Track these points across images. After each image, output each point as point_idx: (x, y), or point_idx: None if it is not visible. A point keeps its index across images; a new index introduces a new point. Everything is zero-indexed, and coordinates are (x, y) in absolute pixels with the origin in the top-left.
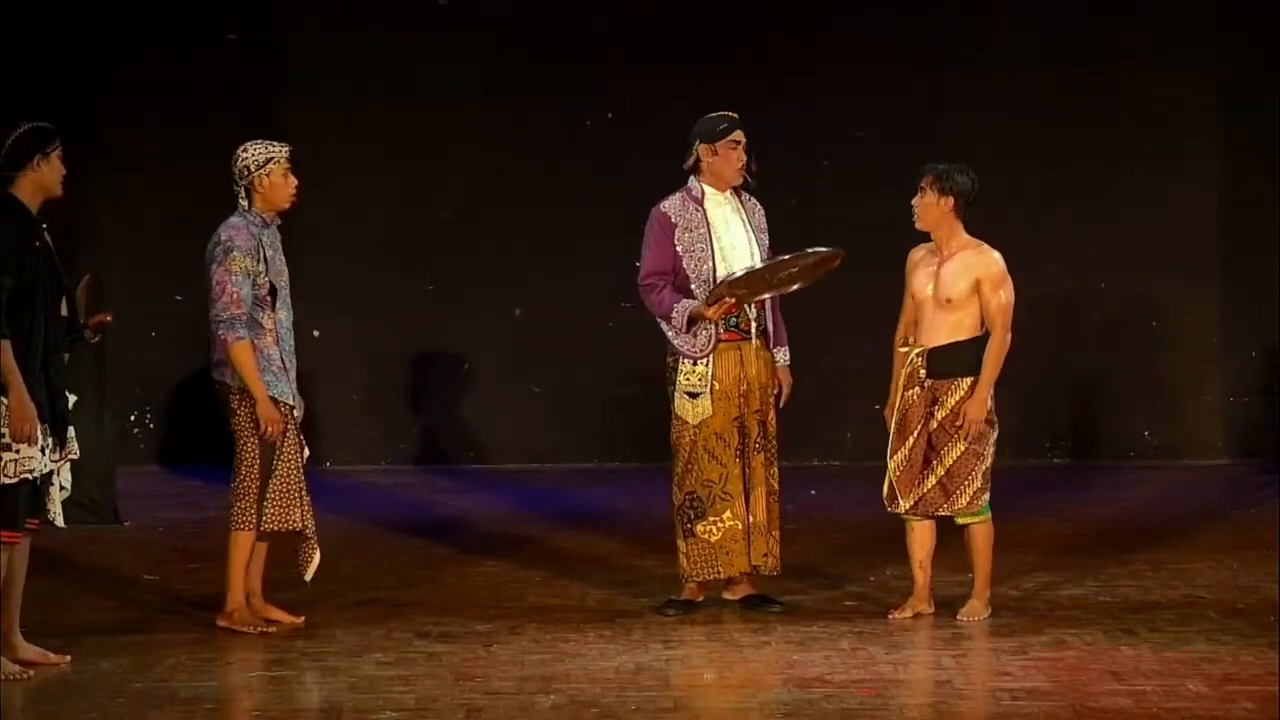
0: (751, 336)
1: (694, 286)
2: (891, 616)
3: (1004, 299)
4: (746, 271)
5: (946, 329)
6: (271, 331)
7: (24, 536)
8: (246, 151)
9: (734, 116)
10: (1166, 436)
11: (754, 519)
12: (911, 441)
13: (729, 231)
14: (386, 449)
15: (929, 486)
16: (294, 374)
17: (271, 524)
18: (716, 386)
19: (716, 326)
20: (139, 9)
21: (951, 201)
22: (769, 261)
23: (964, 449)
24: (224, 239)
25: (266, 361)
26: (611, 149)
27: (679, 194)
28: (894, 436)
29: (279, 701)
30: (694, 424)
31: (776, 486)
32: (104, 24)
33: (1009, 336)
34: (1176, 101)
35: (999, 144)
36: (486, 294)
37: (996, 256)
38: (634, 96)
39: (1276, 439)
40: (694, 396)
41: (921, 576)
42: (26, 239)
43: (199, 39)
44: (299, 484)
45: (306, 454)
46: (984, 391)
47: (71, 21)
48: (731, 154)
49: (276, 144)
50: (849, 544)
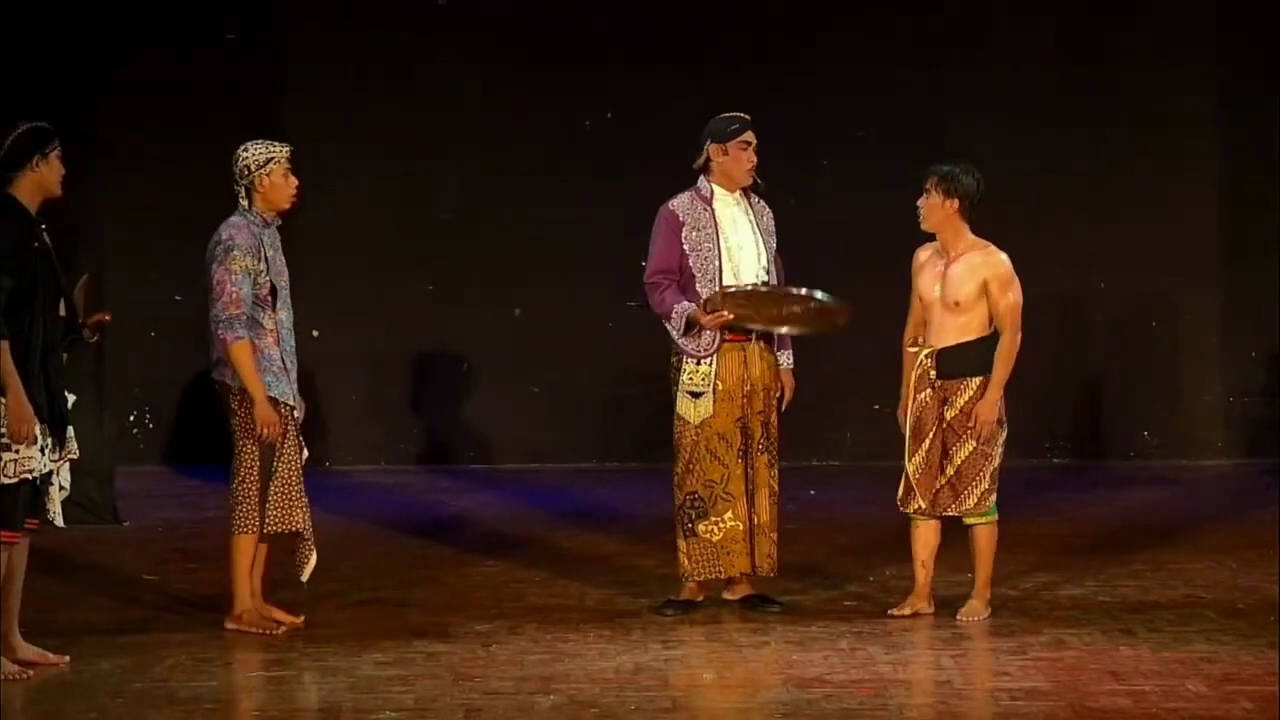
0: (754, 337)
1: (699, 286)
2: (891, 614)
3: (1012, 299)
4: (751, 288)
5: (955, 330)
6: (272, 332)
7: (23, 536)
8: (247, 151)
9: (746, 118)
10: (1166, 436)
11: (758, 520)
12: (928, 443)
13: (736, 232)
14: (386, 449)
15: (939, 486)
16: (295, 374)
17: (274, 526)
18: (719, 386)
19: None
20: (139, 9)
21: (957, 203)
22: (775, 288)
23: (972, 449)
24: (224, 238)
25: (267, 362)
26: (611, 149)
27: (688, 193)
28: (910, 439)
29: (278, 701)
30: (696, 424)
31: (776, 488)
32: (104, 24)
33: (1019, 337)
34: (1176, 101)
35: (999, 144)
36: (486, 294)
37: (1004, 257)
38: (634, 96)
39: (1277, 439)
40: (696, 396)
41: (923, 575)
42: (25, 239)
43: (199, 39)
44: (299, 484)
45: (305, 455)
46: (995, 392)
47: (71, 21)
48: (742, 155)
49: (277, 144)
50: (849, 544)
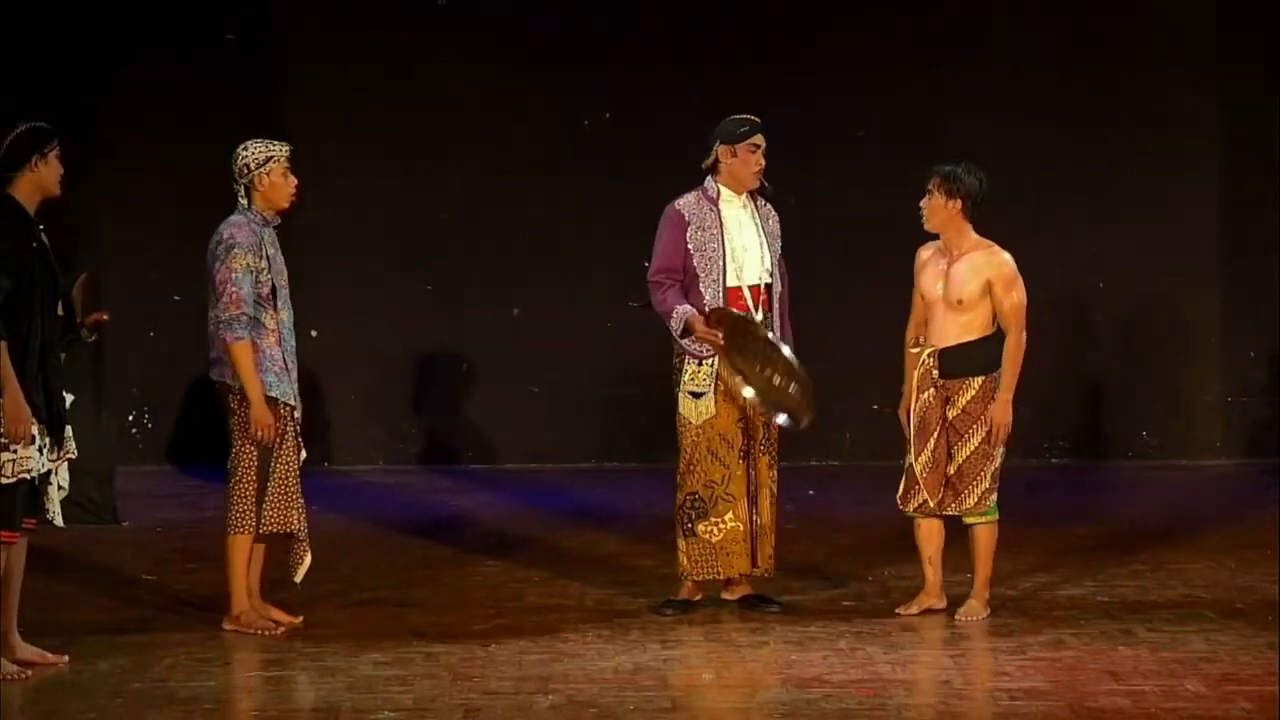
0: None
1: (703, 286)
2: (899, 612)
3: (1017, 299)
4: (758, 331)
5: (957, 329)
6: (274, 331)
7: (22, 536)
8: (247, 150)
9: (756, 120)
10: (1166, 436)
11: (760, 521)
12: (933, 443)
13: (741, 233)
14: (386, 449)
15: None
16: (295, 374)
17: (271, 526)
18: (721, 386)
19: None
20: (139, 9)
21: (960, 203)
22: (773, 346)
23: (974, 449)
24: (226, 236)
25: (269, 362)
26: (611, 149)
27: (695, 192)
28: (915, 438)
29: (277, 701)
30: (697, 424)
31: (775, 490)
32: (104, 24)
33: (1024, 336)
34: (1176, 101)
35: (999, 144)
36: (486, 294)
37: (1007, 257)
38: (634, 96)
39: (1277, 439)
40: (698, 396)
41: (932, 573)
42: (24, 239)
43: (199, 39)
44: (296, 485)
45: (303, 456)
46: (1007, 394)
47: (71, 21)
48: (750, 157)
49: (277, 143)
50: (848, 544)
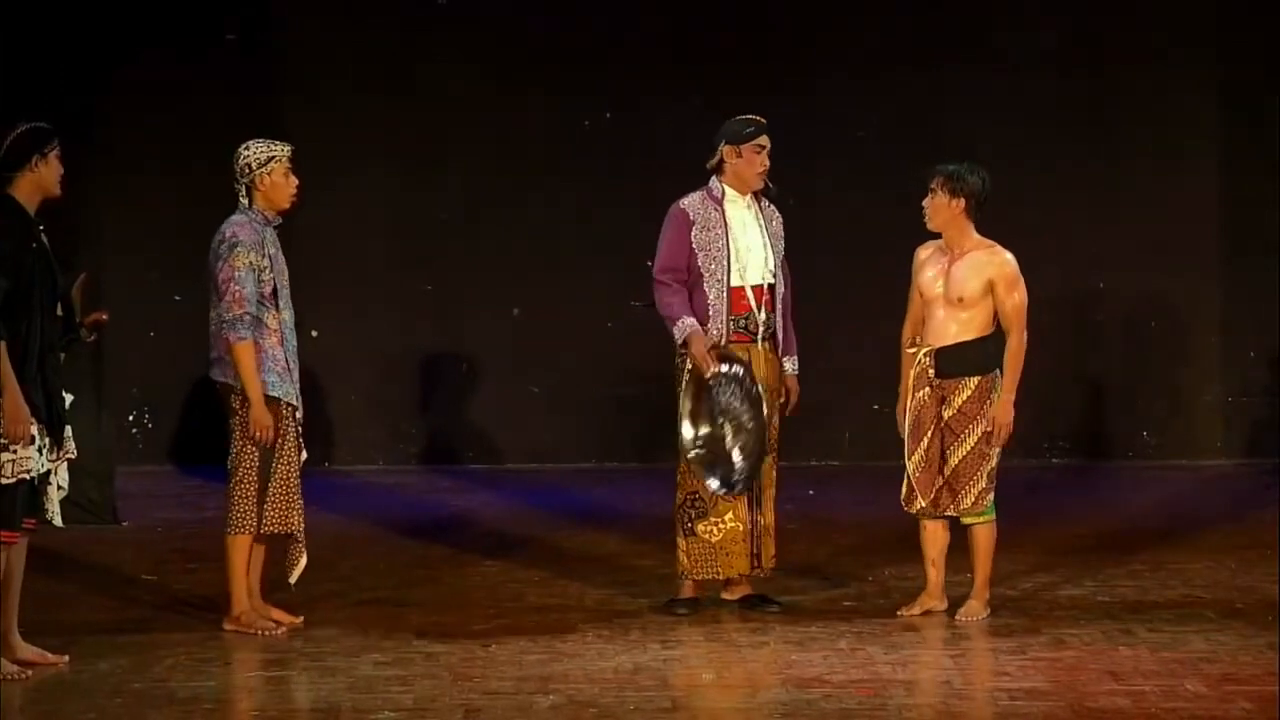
0: (759, 340)
1: (707, 286)
2: (901, 613)
3: (1019, 300)
4: (751, 380)
5: (955, 328)
6: (276, 331)
7: (22, 536)
8: (249, 150)
9: (762, 121)
10: (1166, 437)
11: (763, 521)
12: (927, 442)
13: (745, 234)
14: (386, 449)
15: (938, 486)
16: (297, 374)
17: (271, 527)
18: None
19: (727, 328)
20: (139, 9)
21: (963, 203)
22: (759, 413)
23: (970, 449)
24: (228, 235)
25: (271, 362)
26: (611, 149)
27: (700, 192)
28: (909, 438)
29: (278, 702)
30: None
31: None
32: (104, 24)
33: (1025, 336)
34: (1176, 101)
35: (999, 144)
36: (486, 294)
37: (1009, 257)
38: (634, 96)
39: (1277, 439)
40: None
41: (934, 574)
42: (24, 239)
43: (199, 39)
44: (296, 486)
45: (304, 456)
46: (1009, 395)
47: (71, 21)
48: (755, 158)
49: (279, 143)
50: (848, 544)
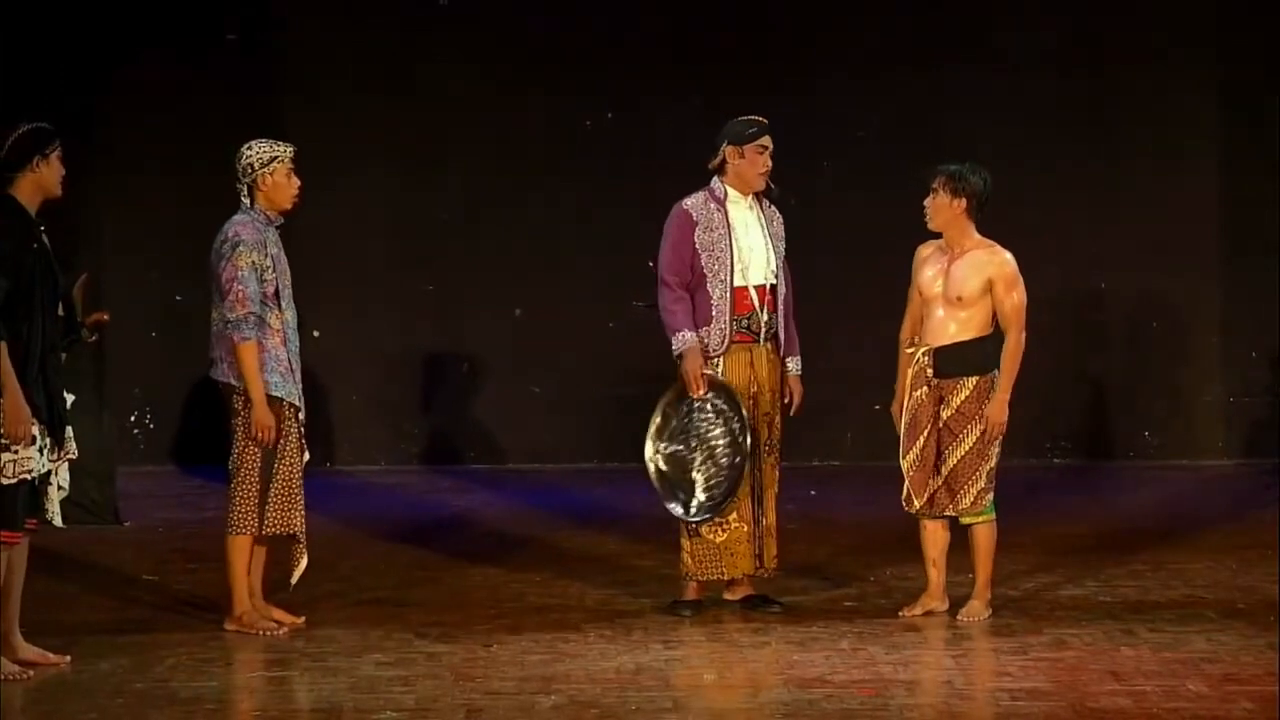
0: (761, 340)
1: (710, 286)
2: (902, 613)
3: (1017, 299)
4: (739, 420)
5: (954, 327)
6: (279, 331)
7: (23, 537)
8: (251, 149)
9: (764, 121)
10: (1167, 437)
11: (765, 521)
12: (922, 441)
13: (748, 234)
14: (387, 449)
15: (937, 486)
16: (300, 374)
17: (273, 528)
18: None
19: (730, 328)
20: (139, 9)
21: (964, 203)
22: (738, 455)
23: (968, 449)
24: (231, 235)
25: (274, 362)
26: (611, 149)
27: (702, 192)
28: (905, 436)
29: (279, 702)
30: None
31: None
32: (104, 24)
33: (1024, 336)
34: (1177, 101)
35: (999, 144)
36: (486, 294)
37: (1009, 257)
38: (634, 96)
39: (1277, 439)
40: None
41: (935, 574)
42: (25, 240)
43: (199, 39)
44: (299, 487)
45: (306, 457)
46: (1004, 394)
47: (71, 21)
48: (758, 159)
49: (281, 144)
50: (849, 544)
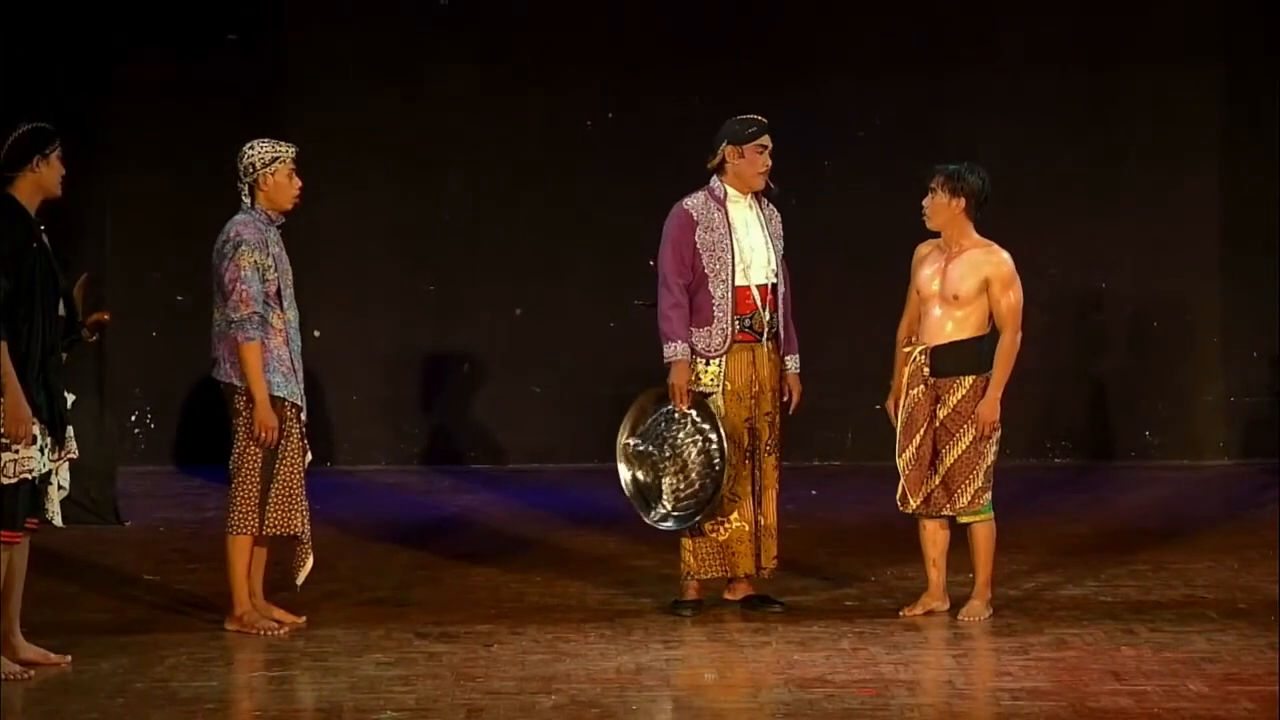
0: (764, 339)
1: (712, 286)
2: (903, 613)
3: (1014, 299)
4: (716, 445)
5: (951, 326)
6: (281, 331)
7: (24, 536)
8: (253, 149)
9: (763, 121)
10: (1168, 436)
11: (765, 521)
12: (918, 440)
13: (749, 234)
14: (388, 449)
15: (934, 485)
16: (302, 374)
17: (273, 529)
18: (729, 387)
19: (732, 327)
20: (139, 9)
21: (963, 202)
22: (711, 479)
23: (965, 448)
24: (233, 235)
25: (277, 362)
26: (611, 149)
27: (702, 192)
28: (901, 435)
29: (279, 701)
30: (718, 418)
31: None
32: (104, 24)
33: (1019, 336)
34: (1177, 101)
35: (1000, 144)
36: (488, 294)
37: (1006, 256)
38: (634, 96)
39: (1277, 439)
40: (705, 397)
41: (935, 574)
42: (25, 239)
43: (199, 39)
44: (300, 488)
45: (309, 458)
46: (996, 392)
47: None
48: (757, 158)
49: (283, 144)
50: (849, 544)
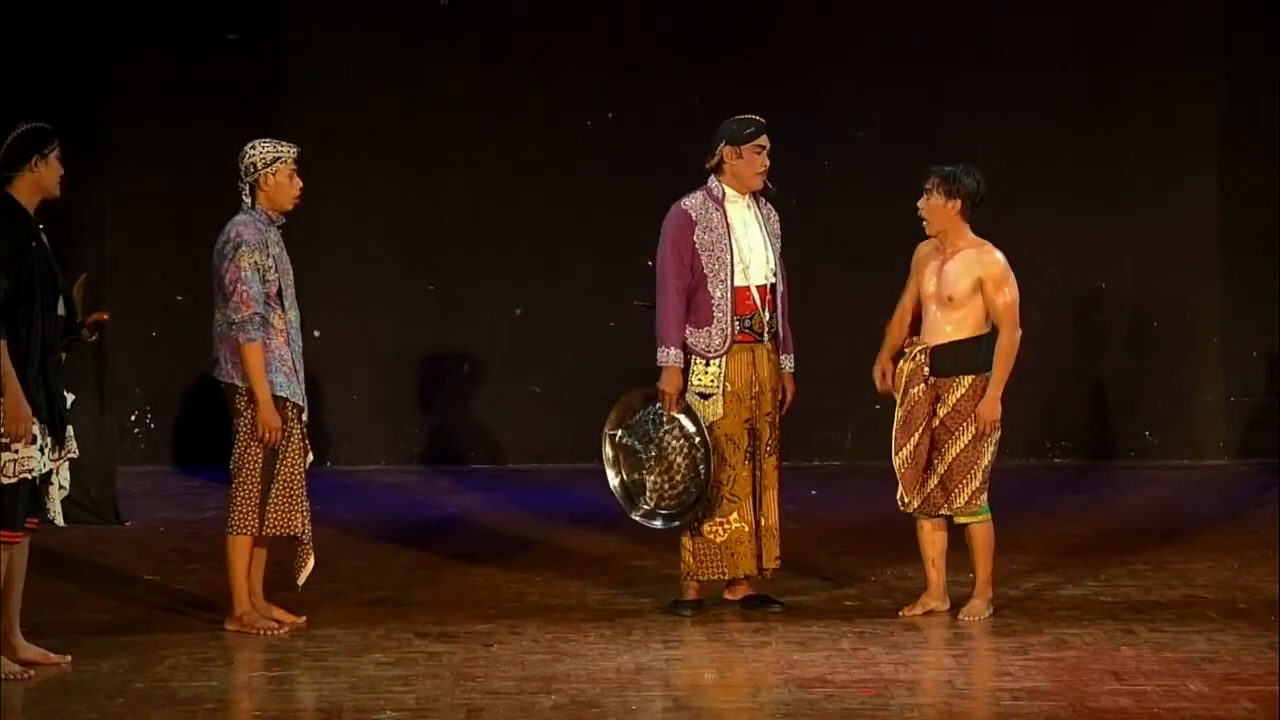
0: (764, 339)
1: (711, 286)
2: (902, 613)
3: (1008, 297)
4: (703, 451)
5: (949, 326)
6: (283, 331)
7: (24, 536)
8: (254, 149)
9: (761, 121)
10: (1167, 436)
11: (766, 522)
12: (916, 439)
13: (747, 234)
14: (387, 449)
15: (932, 485)
16: (303, 374)
17: (273, 529)
18: (729, 387)
19: (732, 328)
20: (139, 9)
21: (959, 204)
22: (696, 482)
23: (964, 447)
24: (233, 235)
25: (278, 362)
26: (611, 149)
27: (700, 192)
28: (898, 434)
29: (279, 701)
30: (705, 426)
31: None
32: (104, 24)
33: (1018, 334)
34: (1177, 101)
35: (1000, 144)
36: (488, 294)
37: (998, 255)
38: (634, 96)
39: (1277, 439)
40: (706, 398)
41: (935, 574)
42: (24, 239)
43: (199, 39)
44: (301, 488)
45: (310, 458)
46: (996, 391)
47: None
48: (755, 158)
49: (284, 144)
50: (849, 544)
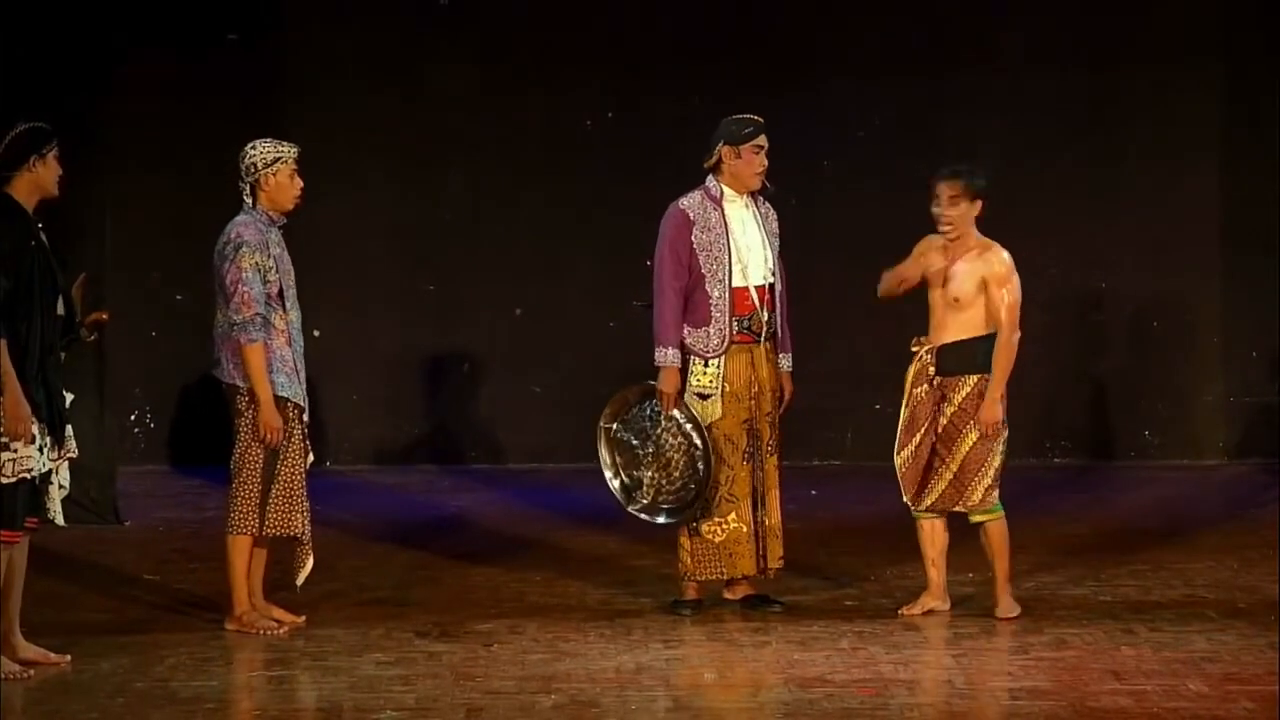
0: (762, 339)
1: (709, 286)
2: (902, 613)
3: (1010, 298)
4: (701, 449)
5: (955, 327)
6: (284, 332)
7: (24, 536)
8: (255, 149)
9: (760, 121)
10: (1167, 436)
11: (769, 522)
12: (919, 438)
13: (746, 233)
14: (387, 449)
15: (943, 484)
16: (304, 375)
17: (273, 529)
18: (727, 388)
19: (730, 328)
20: (139, 9)
21: (979, 205)
22: (694, 481)
23: (973, 445)
24: (233, 236)
25: (280, 362)
26: (611, 149)
27: (698, 192)
28: (902, 433)
29: (279, 701)
30: (703, 425)
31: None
32: (104, 24)
33: (1016, 336)
34: (1177, 101)
35: (1000, 144)
36: (488, 294)
37: (1004, 256)
38: (634, 96)
39: (1277, 439)
40: (705, 398)
41: (935, 574)
42: (23, 239)
43: (199, 39)
44: (301, 488)
45: (311, 458)
46: (995, 392)
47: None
48: (754, 158)
49: (285, 144)
50: (849, 544)
